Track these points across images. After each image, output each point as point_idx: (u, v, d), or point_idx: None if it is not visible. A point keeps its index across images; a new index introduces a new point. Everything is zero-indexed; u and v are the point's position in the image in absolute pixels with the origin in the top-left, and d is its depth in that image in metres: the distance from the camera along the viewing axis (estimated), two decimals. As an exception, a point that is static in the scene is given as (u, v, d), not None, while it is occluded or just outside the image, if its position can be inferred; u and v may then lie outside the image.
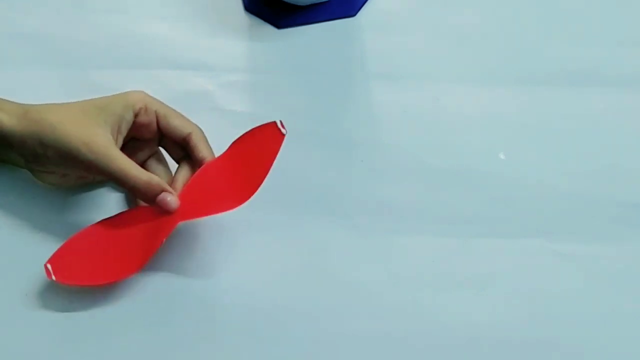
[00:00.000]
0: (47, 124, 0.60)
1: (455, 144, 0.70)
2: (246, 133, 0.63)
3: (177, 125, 0.64)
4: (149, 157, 0.66)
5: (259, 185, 0.62)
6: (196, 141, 0.64)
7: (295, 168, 0.68)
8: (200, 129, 0.65)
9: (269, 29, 0.74)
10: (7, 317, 0.62)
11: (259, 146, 0.63)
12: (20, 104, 0.63)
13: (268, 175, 0.66)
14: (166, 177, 0.66)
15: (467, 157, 0.70)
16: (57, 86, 0.70)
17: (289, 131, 0.69)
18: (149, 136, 0.65)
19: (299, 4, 0.74)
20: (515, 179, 0.69)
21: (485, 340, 0.63)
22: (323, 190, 0.68)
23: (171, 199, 0.61)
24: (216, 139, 0.69)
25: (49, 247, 0.64)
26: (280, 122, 0.62)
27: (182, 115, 0.65)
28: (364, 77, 0.73)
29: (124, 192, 0.66)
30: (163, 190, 0.61)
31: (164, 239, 0.61)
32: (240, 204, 0.61)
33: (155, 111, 0.63)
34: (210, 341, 0.62)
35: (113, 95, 0.63)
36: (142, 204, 0.63)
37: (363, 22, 0.74)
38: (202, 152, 0.64)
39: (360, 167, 0.69)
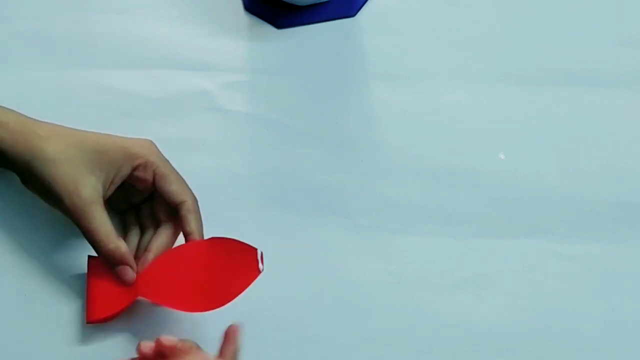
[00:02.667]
0: (40, 156, 0.60)
1: (455, 144, 0.70)
2: (227, 240, 0.61)
3: (172, 190, 0.62)
4: (143, 201, 0.64)
5: (222, 304, 0.59)
6: (186, 212, 0.61)
7: (295, 168, 0.68)
8: (195, 199, 0.62)
9: (269, 29, 0.74)
10: (7, 317, 0.62)
11: (234, 267, 0.60)
12: (21, 117, 0.62)
13: (268, 176, 0.66)
14: (151, 230, 0.64)
15: (467, 157, 0.70)
16: (57, 86, 0.70)
17: (289, 131, 0.69)
18: (143, 189, 0.63)
19: (298, 4, 0.74)
20: (515, 179, 0.69)
21: (485, 340, 0.63)
22: (323, 190, 0.68)
23: (127, 273, 0.60)
24: (216, 138, 0.69)
25: (49, 246, 0.64)
26: (261, 254, 0.60)
27: (181, 180, 0.63)
28: (364, 77, 0.73)
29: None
30: (123, 264, 0.60)
31: (124, 307, 0.60)
32: (201, 310, 0.59)
33: (154, 170, 0.62)
34: (209, 341, 0.62)
35: (117, 138, 0.62)
36: None
37: (363, 22, 0.74)
38: (190, 225, 0.61)
39: (360, 167, 0.69)
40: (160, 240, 0.62)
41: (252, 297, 0.63)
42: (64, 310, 0.62)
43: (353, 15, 0.75)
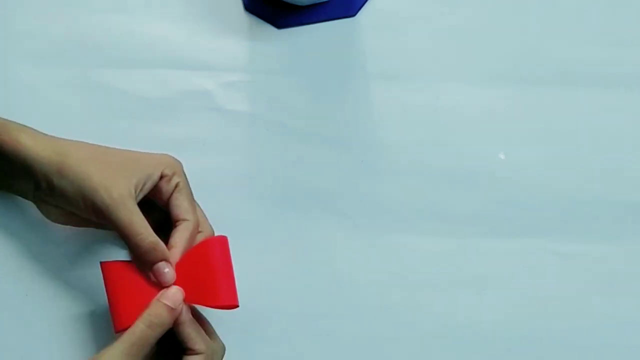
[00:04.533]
0: (72, 157, 0.59)
1: (455, 144, 0.70)
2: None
3: (183, 206, 0.61)
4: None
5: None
6: (184, 229, 0.60)
7: (295, 168, 0.68)
8: (197, 225, 0.61)
9: (269, 29, 0.74)
10: (7, 317, 0.62)
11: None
12: (49, 136, 0.61)
13: (268, 176, 0.66)
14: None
15: (467, 157, 0.70)
16: (57, 86, 0.70)
17: (289, 131, 0.69)
18: (160, 204, 0.62)
19: (298, 4, 0.74)
20: (515, 179, 0.69)
21: (485, 340, 0.63)
22: (323, 190, 0.68)
23: (168, 271, 0.58)
24: (216, 138, 0.69)
25: (49, 246, 0.64)
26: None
27: (196, 206, 0.62)
28: (364, 77, 0.73)
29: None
30: (163, 259, 0.59)
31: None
32: (227, 303, 0.59)
33: (176, 185, 0.61)
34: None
35: (146, 152, 0.62)
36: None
37: (363, 22, 0.74)
38: (177, 238, 0.60)
39: (360, 167, 0.69)
40: (181, 234, 0.60)
41: (251, 297, 0.63)
42: (64, 310, 0.62)
43: (353, 15, 0.75)
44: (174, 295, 0.57)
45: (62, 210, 0.61)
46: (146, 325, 0.56)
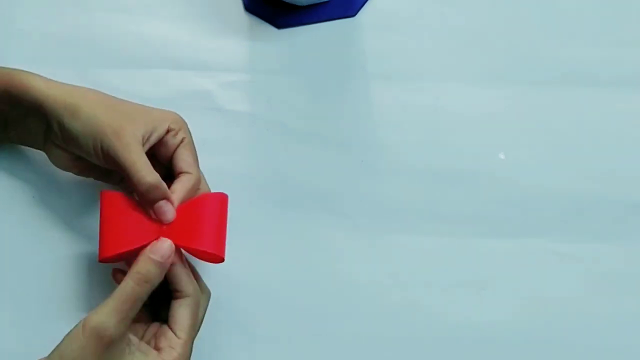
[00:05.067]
0: (84, 100, 0.60)
1: (455, 144, 0.70)
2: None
3: (186, 160, 0.62)
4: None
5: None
6: (186, 181, 0.61)
7: (295, 168, 0.68)
8: (199, 180, 0.62)
9: (269, 29, 0.74)
10: (7, 317, 0.62)
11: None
12: (60, 82, 0.63)
13: (268, 176, 0.66)
14: None
15: (467, 157, 0.70)
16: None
17: (289, 131, 0.69)
18: (163, 159, 0.63)
19: (298, 4, 0.74)
20: (515, 179, 0.69)
21: (485, 340, 0.63)
22: (323, 190, 0.68)
23: (169, 209, 0.60)
24: (216, 138, 0.69)
25: (49, 246, 0.64)
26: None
27: (197, 162, 0.63)
28: (363, 77, 0.73)
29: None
30: (165, 198, 0.60)
31: (144, 244, 0.58)
32: (218, 253, 0.60)
33: (181, 140, 0.62)
34: (209, 341, 0.62)
35: (154, 107, 0.63)
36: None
37: (363, 22, 0.74)
38: (176, 188, 0.61)
39: (360, 167, 0.69)
40: (182, 184, 0.61)
41: (251, 297, 0.63)
42: (64, 310, 0.62)
43: (353, 15, 0.75)
44: (163, 248, 0.58)
45: (70, 155, 0.62)
46: (135, 282, 0.56)
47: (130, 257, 0.59)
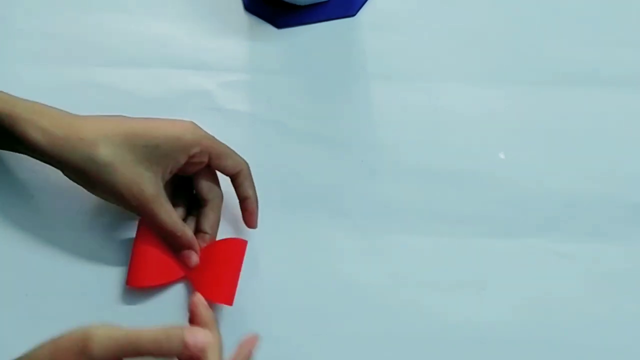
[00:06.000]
0: (95, 160, 0.59)
1: (455, 144, 0.70)
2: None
3: (228, 165, 0.63)
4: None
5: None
6: (243, 179, 0.64)
7: (295, 168, 0.68)
8: (247, 165, 0.64)
9: (269, 28, 0.74)
10: (7, 317, 0.62)
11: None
12: (64, 114, 0.62)
13: (268, 175, 0.66)
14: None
15: (467, 157, 0.70)
16: (56, 85, 0.70)
17: (289, 131, 0.69)
18: (194, 171, 0.64)
19: (298, 4, 0.74)
20: (515, 179, 0.69)
21: (485, 340, 0.63)
22: (323, 190, 0.68)
23: (193, 258, 0.62)
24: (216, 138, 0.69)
25: (50, 245, 0.64)
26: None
27: (233, 153, 0.64)
28: (363, 77, 0.73)
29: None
30: (190, 248, 0.62)
31: (169, 282, 0.63)
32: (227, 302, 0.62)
33: (209, 153, 0.63)
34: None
35: (164, 125, 0.62)
36: None
37: (363, 22, 0.74)
38: (247, 191, 0.64)
39: (360, 167, 0.69)
40: (211, 219, 0.64)
41: (251, 297, 0.63)
42: (64, 309, 0.62)
43: (353, 15, 0.75)
44: (199, 339, 0.51)
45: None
46: (151, 343, 0.49)
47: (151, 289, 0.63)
